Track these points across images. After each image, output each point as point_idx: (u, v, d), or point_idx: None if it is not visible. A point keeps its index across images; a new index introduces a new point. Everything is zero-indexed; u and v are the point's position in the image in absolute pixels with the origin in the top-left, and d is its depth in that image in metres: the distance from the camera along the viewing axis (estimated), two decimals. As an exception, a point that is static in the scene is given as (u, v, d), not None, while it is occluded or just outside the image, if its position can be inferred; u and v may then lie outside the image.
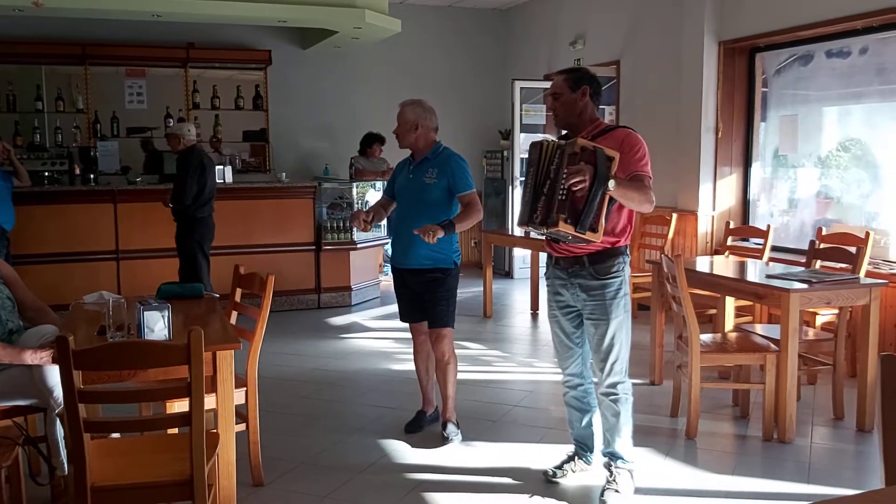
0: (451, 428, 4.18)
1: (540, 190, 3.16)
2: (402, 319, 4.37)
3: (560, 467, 3.65)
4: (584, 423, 3.62)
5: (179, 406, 3.05)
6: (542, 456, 3.90)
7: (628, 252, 3.42)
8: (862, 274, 4.65)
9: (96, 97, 8.42)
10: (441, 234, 3.85)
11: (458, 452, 4.04)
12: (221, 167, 7.75)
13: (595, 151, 3.00)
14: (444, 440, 4.14)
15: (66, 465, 3.15)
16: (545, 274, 3.58)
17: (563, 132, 3.46)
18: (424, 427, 4.33)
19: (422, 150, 4.12)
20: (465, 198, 4.07)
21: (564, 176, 2.99)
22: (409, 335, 4.38)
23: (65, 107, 8.36)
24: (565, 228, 3.02)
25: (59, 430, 3.16)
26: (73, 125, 8.35)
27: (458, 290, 4.22)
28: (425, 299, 4.13)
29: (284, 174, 8.39)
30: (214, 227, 6.44)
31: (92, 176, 7.79)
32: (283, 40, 9.18)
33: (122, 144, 8.46)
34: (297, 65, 9.30)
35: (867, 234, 4.96)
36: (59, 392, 2.98)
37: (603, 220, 3.05)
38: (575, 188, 2.96)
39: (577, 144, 3.02)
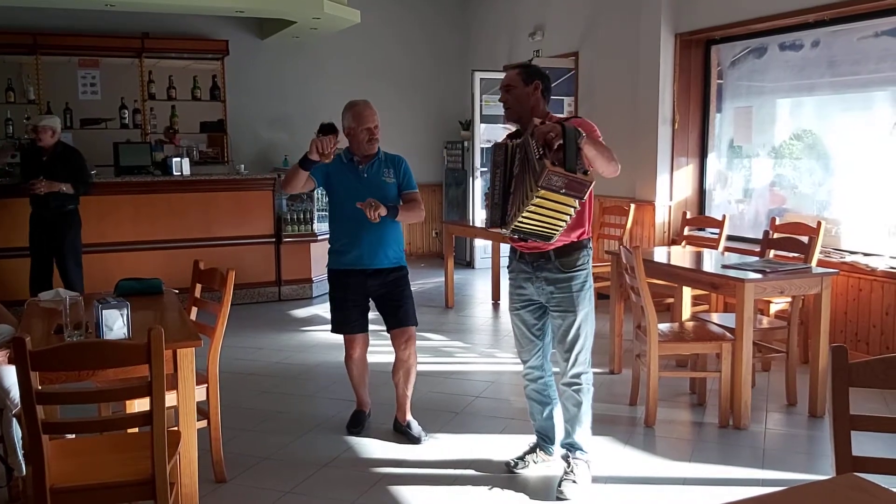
0: (417, 427, 4.16)
1: (509, 191, 3.13)
2: (345, 331, 4.13)
3: (521, 458, 3.70)
4: (544, 414, 3.67)
5: (139, 404, 3.02)
6: (504, 446, 3.94)
7: (591, 245, 3.45)
8: (814, 263, 4.77)
9: (48, 88, 8.22)
10: (384, 212, 3.81)
11: (421, 445, 4.06)
12: (179, 159, 7.65)
13: (559, 122, 2.99)
14: (416, 439, 4.09)
15: (23, 466, 3.10)
16: (508, 268, 3.59)
17: (515, 129, 3.47)
18: (365, 426, 4.29)
19: (375, 150, 4.08)
20: (412, 195, 4.07)
21: (533, 142, 2.92)
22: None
23: (16, 97, 8.15)
24: (555, 171, 2.83)
25: (17, 431, 3.11)
26: (24, 116, 8.14)
27: (421, 280, 4.20)
28: (390, 300, 4.06)
29: (243, 166, 8.30)
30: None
31: (46, 168, 7.61)
32: (241, 30, 9.07)
33: (76, 136, 8.26)
34: (255, 55, 9.19)
35: (819, 223, 5.08)
36: (15, 392, 2.94)
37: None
38: (549, 139, 2.88)
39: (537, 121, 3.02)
